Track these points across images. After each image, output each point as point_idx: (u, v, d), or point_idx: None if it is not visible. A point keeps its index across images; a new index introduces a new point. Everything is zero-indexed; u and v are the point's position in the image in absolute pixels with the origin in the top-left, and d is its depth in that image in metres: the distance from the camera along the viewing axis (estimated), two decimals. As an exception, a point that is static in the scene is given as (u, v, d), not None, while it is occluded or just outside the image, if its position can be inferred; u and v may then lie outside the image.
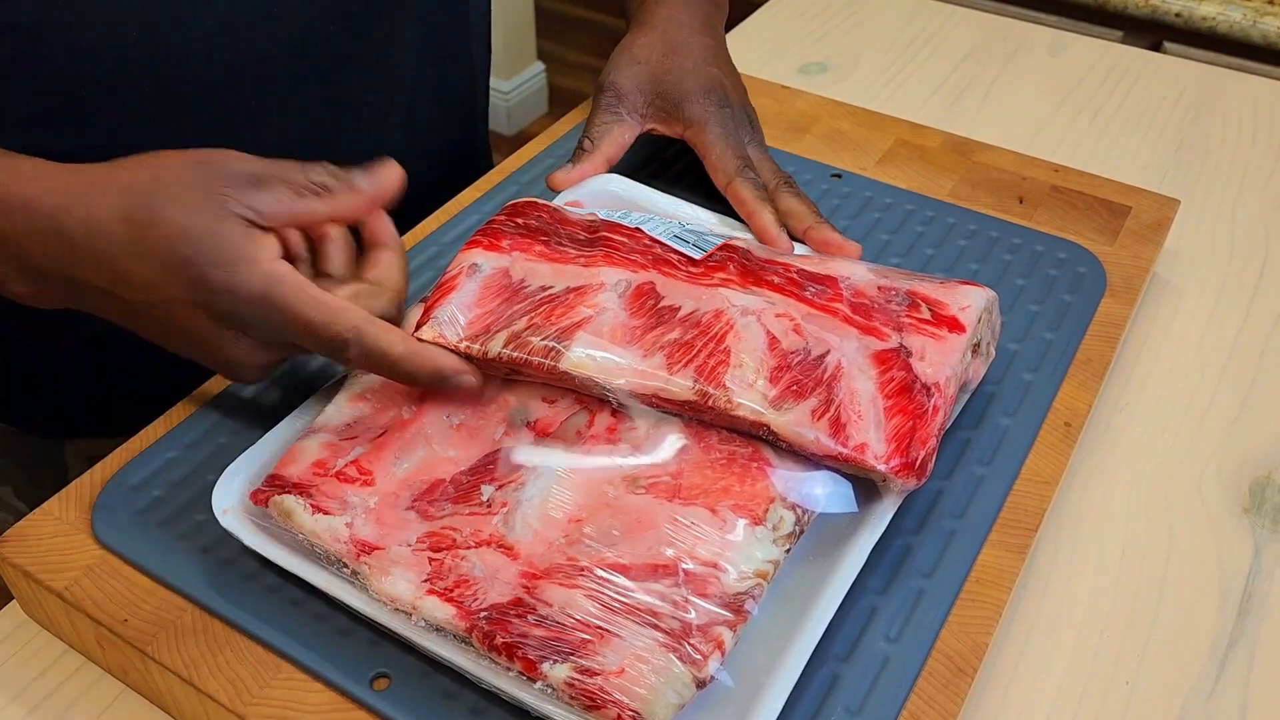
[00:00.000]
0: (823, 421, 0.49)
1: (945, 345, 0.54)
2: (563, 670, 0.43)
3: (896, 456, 0.50)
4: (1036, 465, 0.57)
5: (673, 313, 0.54)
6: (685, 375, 0.51)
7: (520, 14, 2.54)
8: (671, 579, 0.45)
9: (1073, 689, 0.52)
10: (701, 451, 0.50)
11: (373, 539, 0.49)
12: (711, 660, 0.43)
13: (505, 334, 0.53)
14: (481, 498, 0.50)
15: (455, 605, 0.46)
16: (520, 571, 0.47)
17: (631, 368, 0.51)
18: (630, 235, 0.58)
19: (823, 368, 0.51)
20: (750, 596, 0.45)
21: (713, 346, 0.52)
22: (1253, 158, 0.87)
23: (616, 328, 0.53)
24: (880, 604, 0.50)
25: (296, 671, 0.48)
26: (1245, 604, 0.56)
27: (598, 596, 0.45)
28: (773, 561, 0.47)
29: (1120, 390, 0.67)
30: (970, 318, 0.55)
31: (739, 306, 0.54)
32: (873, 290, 0.56)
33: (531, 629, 0.44)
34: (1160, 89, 0.95)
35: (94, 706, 0.51)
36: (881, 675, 0.48)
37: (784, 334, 0.53)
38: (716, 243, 0.58)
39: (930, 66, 0.98)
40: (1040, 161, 0.78)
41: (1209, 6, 1.31)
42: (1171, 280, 0.75)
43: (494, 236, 0.58)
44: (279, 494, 0.50)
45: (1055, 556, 0.57)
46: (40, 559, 0.52)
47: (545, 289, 0.55)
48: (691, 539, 0.47)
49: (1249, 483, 0.61)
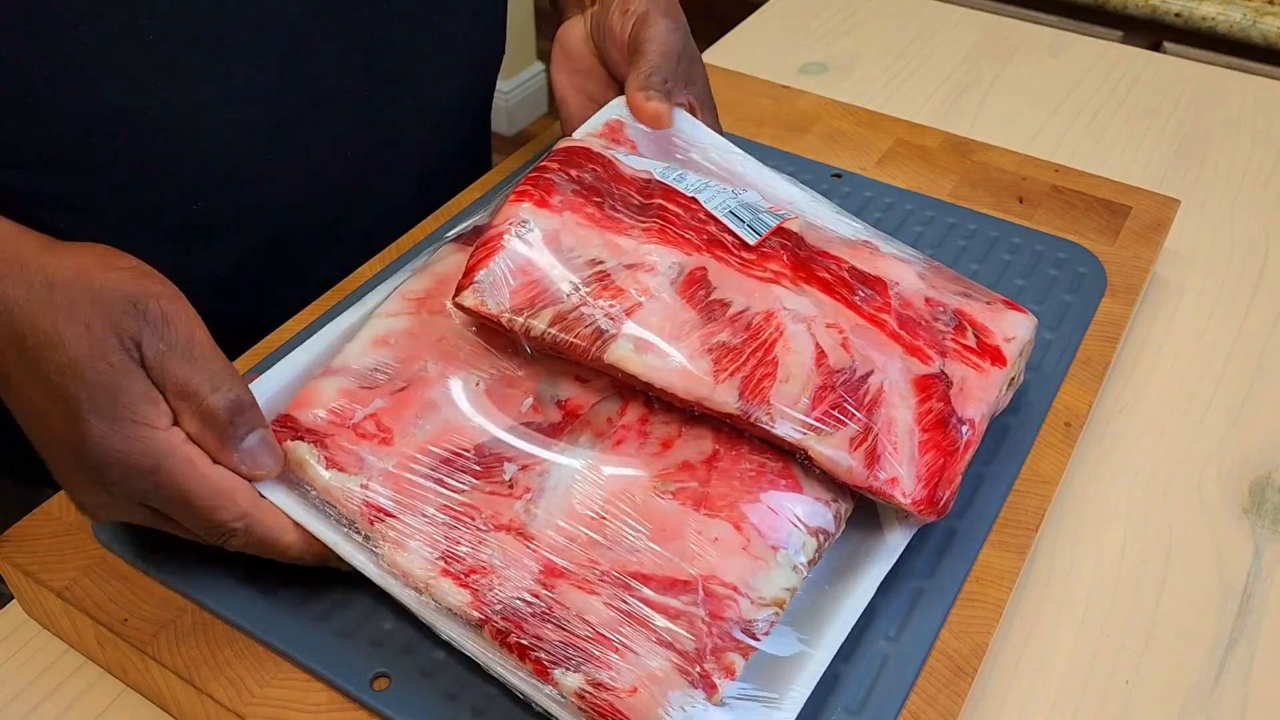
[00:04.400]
0: (860, 451, 0.49)
1: (985, 380, 0.53)
2: (575, 680, 0.43)
3: (923, 494, 0.49)
4: (1036, 465, 0.57)
5: (723, 308, 0.51)
6: (730, 387, 0.49)
7: (520, 14, 2.54)
8: (691, 596, 0.45)
9: (1073, 689, 0.52)
10: (732, 460, 0.49)
11: (388, 505, 0.47)
12: (722, 686, 0.43)
13: (551, 312, 0.50)
14: (504, 476, 0.49)
15: (471, 592, 0.45)
16: (539, 567, 0.46)
17: (678, 371, 0.49)
18: (685, 207, 0.55)
19: (865, 389, 0.50)
20: (767, 623, 0.45)
21: (761, 355, 0.50)
22: (1253, 158, 0.87)
23: (666, 320, 0.51)
24: (880, 604, 0.50)
25: (296, 671, 0.48)
26: (1245, 604, 0.56)
27: (616, 605, 0.44)
28: (791, 589, 0.46)
29: (1120, 390, 0.67)
30: (1013, 351, 0.54)
31: (790, 311, 0.52)
32: (920, 302, 0.55)
33: (547, 632, 0.44)
34: (1160, 89, 0.95)
35: (94, 706, 0.51)
36: (881, 675, 0.48)
37: (832, 349, 0.51)
38: (771, 224, 0.56)
39: (930, 66, 0.98)
40: (1040, 161, 0.78)
41: (1209, 6, 1.31)
42: (1171, 280, 0.75)
43: (546, 190, 0.54)
44: (292, 438, 0.48)
45: (1055, 556, 0.57)
46: (40, 559, 0.52)
47: (596, 263, 0.52)
48: (714, 556, 0.46)
49: (1249, 483, 0.61)
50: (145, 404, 0.45)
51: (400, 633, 0.48)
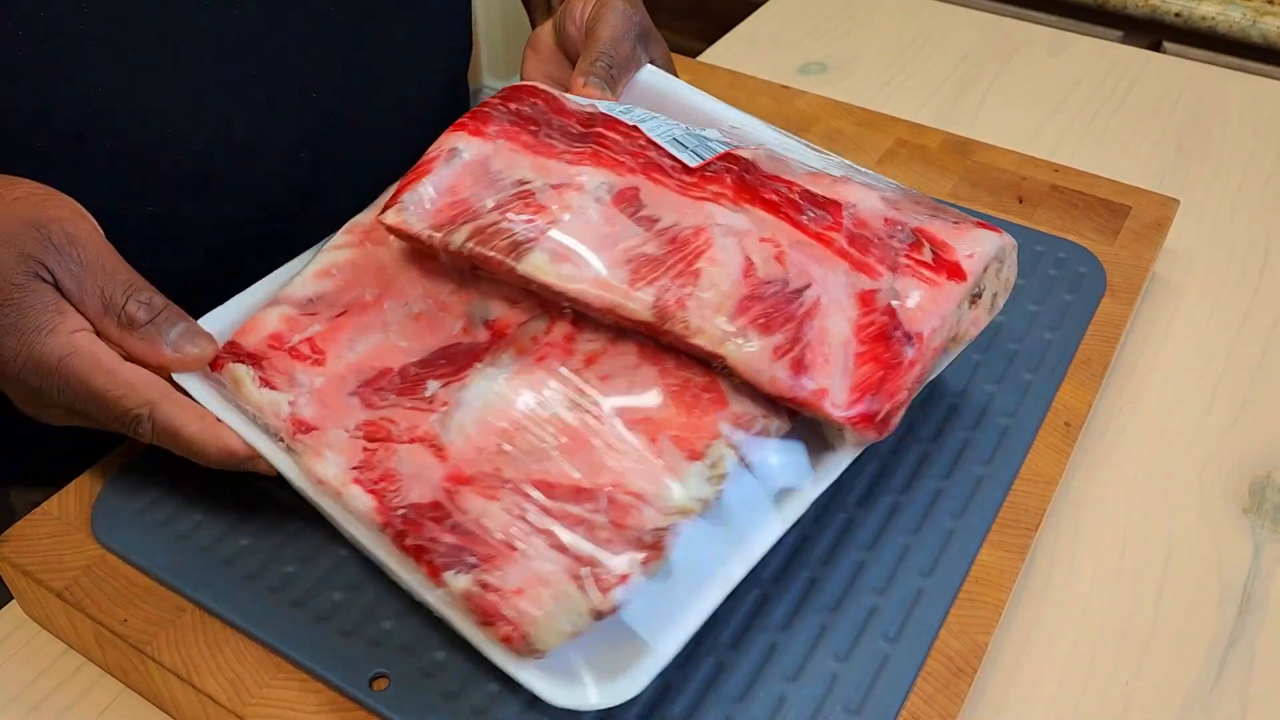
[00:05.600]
0: (784, 360, 0.47)
1: (939, 293, 0.50)
2: (463, 580, 0.43)
3: (858, 406, 0.47)
4: (1036, 465, 0.57)
5: (651, 224, 0.50)
6: (646, 293, 0.48)
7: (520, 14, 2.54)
8: (593, 504, 0.44)
9: (1072, 689, 0.52)
10: (656, 375, 0.48)
11: (312, 419, 0.49)
12: (613, 593, 0.42)
13: (470, 227, 0.50)
14: (425, 393, 0.50)
15: (377, 498, 0.46)
16: (445, 474, 0.46)
17: (592, 278, 0.48)
18: (626, 134, 0.55)
19: (799, 303, 0.48)
20: (670, 533, 0.43)
21: (683, 266, 0.48)
22: (1252, 158, 0.87)
23: (587, 233, 0.50)
24: (880, 603, 0.50)
25: (296, 671, 0.48)
26: (1245, 604, 0.56)
27: (515, 511, 0.44)
28: (701, 499, 0.44)
29: (1120, 390, 0.67)
30: (975, 265, 0.51)
31: (723, 225, 0.50)
32: (878, 222, 0.52)
33: (442, 534, 0.44)
34: (1160, 89, 0.95)
35: (94, 706, 0.51)
36: (881, 675, 0.48)
37: (764, 261, 0.49)
38: (719, 150, 0.54)
39: (930, 66, 0.98)
40: (1040, 161, 0.78)
41: (1209, 6, 1.31)
42: (1171, 280, 0.75)
43: (482, 120, 0.55)
44: (233, 361, 0.51)
45: (1055, 556, 0.57)
46: (40, 559, 0.52)
47: (523, 183, 0.52)
48: (623, 465, 0.45)
49: (1249, 483, 0.61)
50: (48, 313, 0.47)
51: (400, 633, 0.48)
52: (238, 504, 0.54)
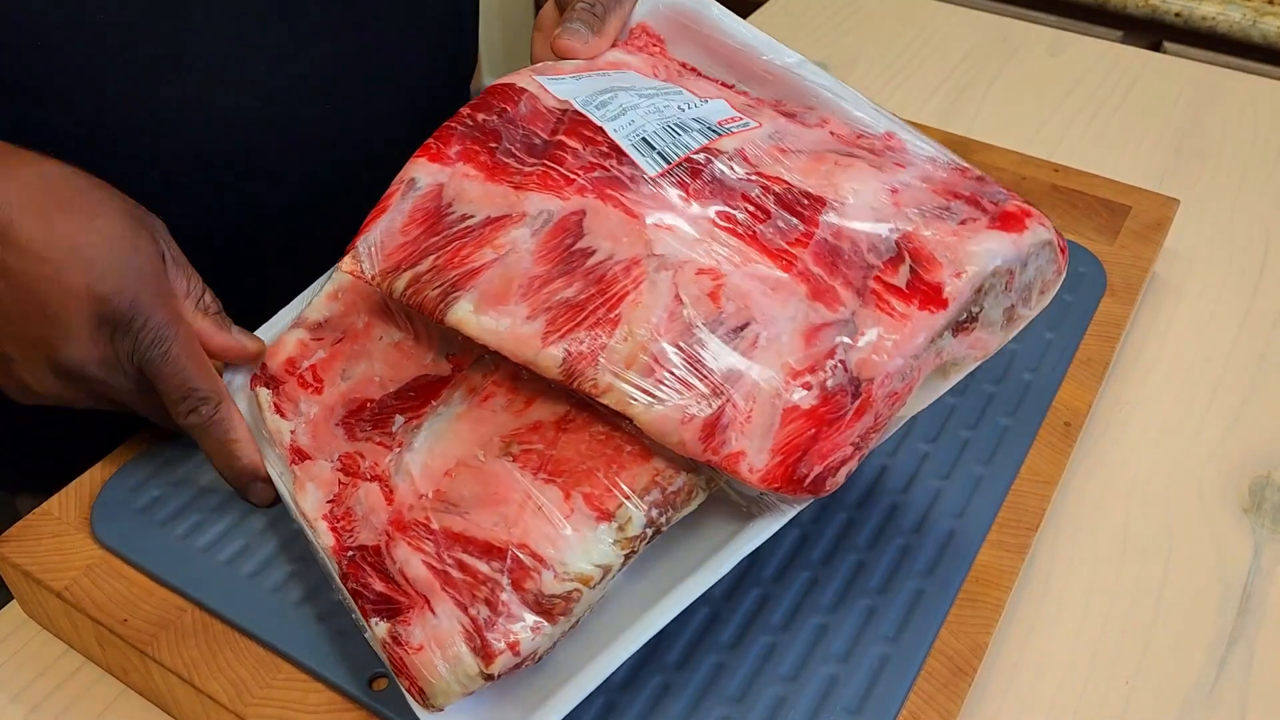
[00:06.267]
0: (694, 423, 0.43)
1: (902, 330, 0.44)
2: (382, 629, 0.44)
3: (777, 473, 0.43)
4: (1036, 465, 0.57)
5: (583, 259, 0.47)
6: (557, 349, 0.45)
7: (520, 14, 2.54)
8: (500, 563, 0.43)
9: (1073, 688, 0.52)
10: (584, 423, 0.46)
11: (307, 448, 0.51)
12: (500, 659, 0.42)
13: (409, 274, 0.49)
14: (393, 427, 0.50)
15: (336, 536, 0.47)
16: (388, 519, 0.47)
17: (509, 330, 0.46)
18: (589, 140, 0.51)
19: (734, 343, 0.45)
20: (567, 600, 0.42)
21: (603, 312, 0.45)
22: (1252, 158, 0.87)
23: (513, 278, 0.47)
24: (879, 604, 0.50)
25: (296, 671, 0.48)
26: (1245, 604, 0.56)
27: (434, 564, 0.44)
28: (603, 566, 0.43)
29: (1120, 390, 0.67)
30: (960, 289, 0.45)
31: (659, 257, 0.46)
32: (866, 222, 0.47)
33: (373, 581, 0.45)
34: (1160, 89, 0.95)
35: (94, 706, 0.51)
36: (881, 675, 0.48)
37: (696, 299, 0.45)
38: (693, 146, 0.50)
39: (930, 66, 0.98)
40: (1040, 161, 0.78)
41: (1209, 6, 1.31)
42: (1171, 280, 0.75)
43: (444, 141, 0.53)
44: (261, 385, 0.53)
45: (1055, 556, 0.57)
46: (40, 559, 0.52)
47: (465, 219, 0.50)
48: (532, 524, 0.44)
49: (1249, 483, 0.61)
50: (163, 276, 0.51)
51: (400, 633, 0.48)
52: (238, 504, 0.54)
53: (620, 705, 0.47)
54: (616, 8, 0.60)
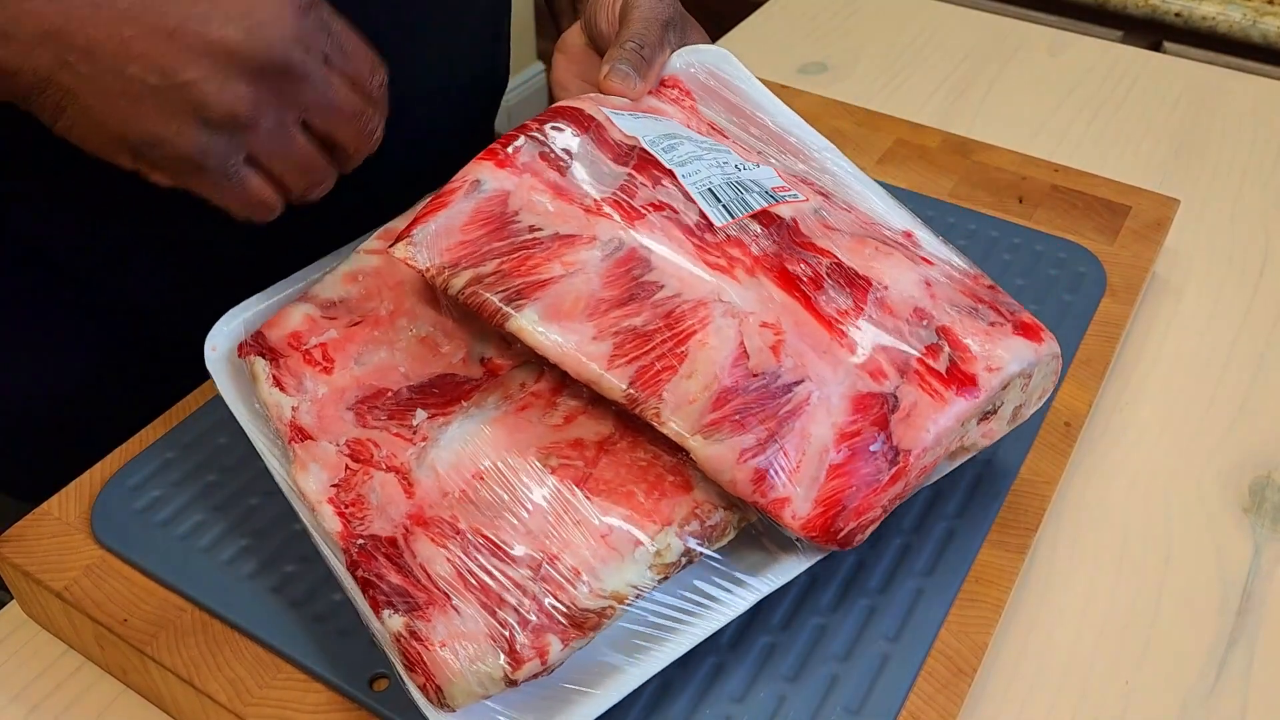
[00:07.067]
0: (748, 464, 0.45)
1: (941, 410, 0.48)
2: (397, 623, 0.44)
3: (817, 523, 0.46)
4: (1036, 465, 0.57)
5: (650, 292, 0.49)
6: (623, 373, 0.47)
7: (520, 14, 2.54)
8: (532, 572, 0.44)
9: (1072, 688, 0.52)
10: (628, 447, 0.48)
11: (310, 428, 0.50)
12: (528, 665, 0.42)
13: (471, 273, 0.49)
14: (413, 421, 0.50)
15: (344, 522, 0.47)
16: (407, 512, 0.47)
17: (574, 347, 0.47)
18: (657, 180, 0.53)
19: (785, 400, 0.47)
20: (600, 615, 0.44)
21: (669, 346, 0.47)
22: (1252, 158, 0.87)
23: (581, 297, 0.49)
24: (880, 603, 0.50)
25: (296, 671, 0.48)
26: (1245, 604, 0.56)
27: (459, 564, 0.44)
28: (637, 587, 0.44)
29: (1120, 390, 0.67)
30: (992, 381, 0.49)
31: (725, 304, 0.48)
32: (906, 310, 0.50)
33: (389, 573, 0.45)
34: (1160, 89, 0.95)
35: (94, 706, 0.51)
36: (881, 675, 0.48)
37: (758, 350, 0.48)
38: (755, 207, 0.53)
39: (930, 66, 0.98)
40: (1040, 161, 0.78)
41: (1209, 6, 1.31)
42: (1171, 280, 0.75)
43: (512, 149, 0.54)
44: (255, 354, 0.52)
45: (1055, 556, 0.57)
46: (40, 559, 0.52)
47: (533, 230, 0.51)
48: (570, 538, 0.45)
49: (1249, 483, 0.61)
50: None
51: (400, 633, 0.48)
52: (238, 504, 0.54)
53: (620, 705, 0.47)
54: (660, 54, 0.61)
